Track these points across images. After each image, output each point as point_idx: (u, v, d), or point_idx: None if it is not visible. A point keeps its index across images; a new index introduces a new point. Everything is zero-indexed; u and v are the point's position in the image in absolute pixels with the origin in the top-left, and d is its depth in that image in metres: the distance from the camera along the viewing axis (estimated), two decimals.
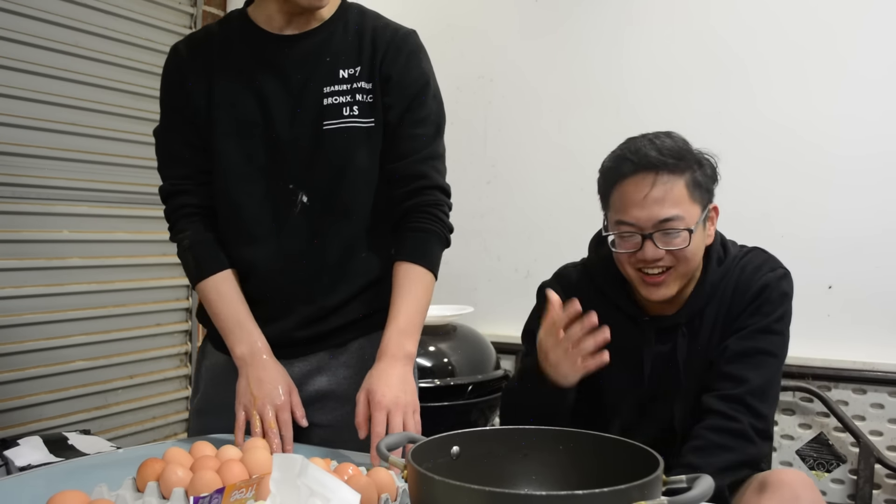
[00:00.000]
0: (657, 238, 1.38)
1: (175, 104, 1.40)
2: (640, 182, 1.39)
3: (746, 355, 1.41)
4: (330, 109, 1.34)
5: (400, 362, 1.25)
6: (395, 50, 1.37)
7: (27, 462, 2.07)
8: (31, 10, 2.51)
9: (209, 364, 1.47)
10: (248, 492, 0.90)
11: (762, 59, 2.47)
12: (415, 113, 1.37)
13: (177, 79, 1.39)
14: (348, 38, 1.37)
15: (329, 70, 1.35)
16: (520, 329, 1.67)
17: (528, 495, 0.84)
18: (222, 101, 1.36)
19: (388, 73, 1.35)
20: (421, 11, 3.00)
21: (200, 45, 1.40)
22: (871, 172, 2.34)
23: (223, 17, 1.45)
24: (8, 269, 2.49)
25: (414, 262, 1.33)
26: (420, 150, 1.37)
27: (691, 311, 1.46)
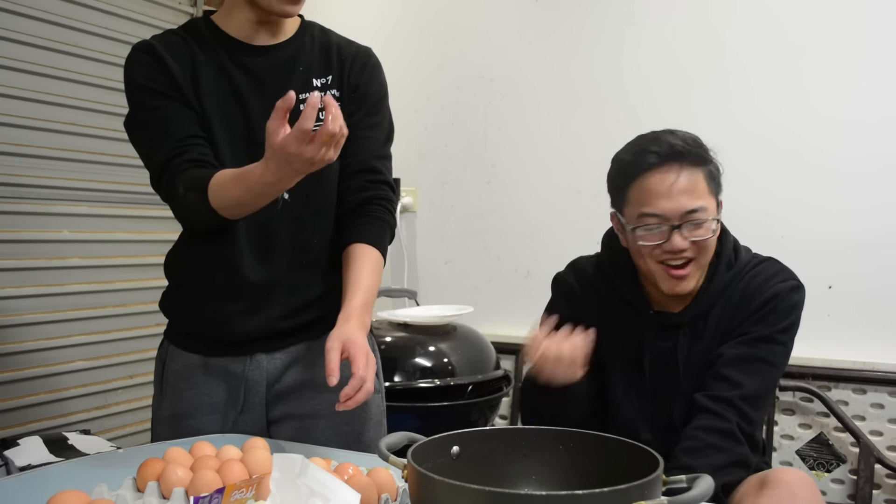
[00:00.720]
0: (685, 228, 1.39)
1: (159, 89, 1.36)
2: (665, 173, 1.39)
3: (745, 361, 1.41)
4: None
5: (363, 330, 1.30)
6: (360, 63, 1.48)
7: (27, 462, 2.07)
8: (31, 10, 2.51)
9: (177, 367, 1.46)
10: (249, 492, 0.90)
11: (762, 60, 2.47)
12: (371, 118, 1.48)
13: (160, 68, 1.37)
14: (315, 51, 1.46)
15: (303, 78, 1.43)
16: (520, 329, 1.67)
17: (528, 495, 0.84)
18: (209, 94, 1.38)
19: (355, 83, 1.46)
20: (421, 12, 3.00)
21: (175, 43, 1.40)
22: (871, 173, 2.34)
23: (186, 23, 1.46)
24: (8, 269, 2.49)
25: (373, 245, 1.40)
26: (375, 149, 1.47)
27: (696, 312, 1.47)
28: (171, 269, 1.51)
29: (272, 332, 1.42)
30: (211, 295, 1.41)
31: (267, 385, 1.44)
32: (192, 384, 1.44)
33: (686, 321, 1.47)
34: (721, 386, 1.40)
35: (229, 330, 1.41)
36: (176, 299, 1.49)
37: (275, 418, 1.45)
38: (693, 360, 1.47)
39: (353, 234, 1.41)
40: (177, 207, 1.38)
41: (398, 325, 2.45)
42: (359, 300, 1.33)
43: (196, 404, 1.43)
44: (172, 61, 1.37)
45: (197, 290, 1.43)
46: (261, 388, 1.44)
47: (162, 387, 1.50)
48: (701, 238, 1.40)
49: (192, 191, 1.30)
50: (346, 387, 1.19)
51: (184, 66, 1.38)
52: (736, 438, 1.38)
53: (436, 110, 3.00)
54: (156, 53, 1.38)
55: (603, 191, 1.80)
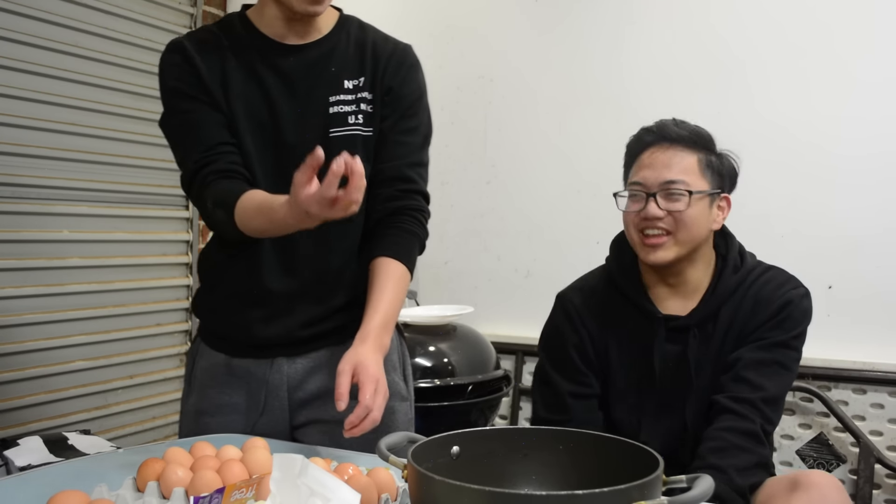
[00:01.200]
0: (660, 197, 1.47)
1: (189, 91, 1.36)
2: (655, 150, 1.51)
3: (764, 364, 1.45)
4: (336, 118, 1.37)
5: (380, 352, 1.27)
6: (396, 63, 1.42)
7: (27, 462, 2.07)
8: (31, 10, 2.51)
9: (205, 364, 1.46)
10: (248, 492, 0.90)
11: (762, 58, 2.48)
12: (407, 122, 1.42)
13: (189, 69, 1.37)
14: (350, 50, 1.40)
15: (334, 80, 1.38)
16: (520, 328, 1.68)
17: (528, 495, 0.84)
18: (238, 97, 1.36)
19: (389, 85, 1.40)
20: (421, 12, 3.00)
21: (208, 42, 1.39)
22: (871, 172, 2.34)
23: (221, 19, 1.45)
24: (8, 269, 2.49)
25: (399, 260, 1.36)
26: (408, 155, 1.41)
27: (704, 314, 1.50)
28: (203, 269, 1.50)
29: (292, 339, 1.40)
30: (235, 299, 1.40)
31: (288, 390, 1.42)
32: (216, 383, 1.43)
33: (694, 323, 1.49)
34: (742, 388, 1.43)
35: (250, 335, 1.40)
36: (206, 300, 1.48)
37: (300, 423, 1.44)
38: (703, 362, 1.49)
39: (380, 247, 1.37)
40: (206, 219, 1.38)
41: (398, 325, 2.45)
42: (378, 320, 1.29)
43: (218, 403, 1.42)
44: (202, 62, 1.36)
45: (224, 294, 1.42)
46: (281, 392, 1.42)
47: (191, 381, 1.49)
48: (675, 209, 1.46)
49: (220, 209, 1.29)
50: (351, 415, 1.16)
51: (213, 66, 1.36)
52: (759, 439, 1.41)
53: (436, 110, 2.95)
54: (186, 54, 1.37)
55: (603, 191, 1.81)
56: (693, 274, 1.52)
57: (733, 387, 1.44)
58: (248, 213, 1.25)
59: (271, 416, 1.43)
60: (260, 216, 1.24)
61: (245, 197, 1.27)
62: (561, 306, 1.62)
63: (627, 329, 1.54)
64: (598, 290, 1.60)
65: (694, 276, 1.52)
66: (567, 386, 1.56)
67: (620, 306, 1.55)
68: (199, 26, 3.09)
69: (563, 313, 1.60)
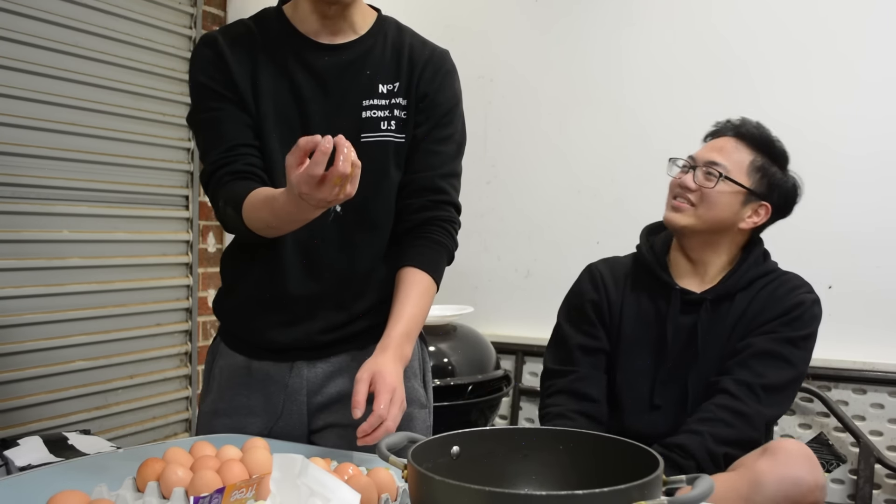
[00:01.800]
0: (699, 172, 1.58)
1: (216, 88, 1.34)
2: (724, 138, 1.62)
3: (770, 355, 1.51)
4: (368, 122, 1.35)
5: (400, 362, 1.26)
6: (432, 69, 1.39)
7: (27, 462, 2.07)
8: (31, 10, 2.51)
9: (224, 364, 1.45)
10: (249, 492, 0.90)
11: (762, 58, 2.48)
12: (441, 130, 1.39)
13: (219, 65, 1.34)
14: (387, 53, 1.38)
15: (369, 83, 1.35)
16: (520, 328, 1.69)
17: (528, 495, 0.84)
18: (267, 95, 1.34)
19: (424, 91, 1.38)
20: (421, 12, 3.00)
21: (240, 37, 1.36)
22: (872, 171, 2.34)
23: (258, 13, 1.41)
24: (8, 269, 2.49)
25: (426, 271, 1.35)
26: (441, 165, 1.39)
27: (720, 292, 1.57)
28: (224, 270, 1.48)
29: (312, 343, 1.39)
30: (256, 303, 1.39)
31: (307, 394, 1.41)
32: (234, 384, 1.42)
33: (709, 298, 1.57)
34: (744, 373, 1.50)
35: (270, 338, 1.39)
36: (226, 301, 1.46)
37: (318, 428, 1.42)
38: (712, 338, 1.56)
39: (407, 257, 1.36)
40: (219, 218, 1.36)
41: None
42: (399, 330, 1.28)
43: (235, 405, 1.41)
44: (234, 58, 1.33)
45: (244, 296, 1.41)
46: (300, 396, 1.41)
47: (209, 381, 1.48)
48: (705, 186, 1.56)
49: (230, 207, 1.28)
50: (364, 423, 1.16)
51: (244, 63, 1.34)
52: (749, 422, 1.46)
53: None
54: (218, 49, 1.34)
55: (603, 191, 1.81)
56: (714, 259, 1.60)
57: (737, 370, 1.50)
58: (255, 206, 1.24)
59: (289, 419, 1.41)
60: (264, 208, 1.22)
61: (253, 193, 1.25)
62: (587, 271, 1.72)
63: (645, 297, 1.63)
64: (625, 264, 1.70)
65: (715, 262, 1.60)
66: (577, 338, 1.64)
67: (642, 278, 1.65)
68: (199, 27, 3.10)
69: (588, 275, 1.71)
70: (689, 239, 1.60)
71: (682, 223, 1.58)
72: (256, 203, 1.24)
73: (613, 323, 1.64)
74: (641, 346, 1.61)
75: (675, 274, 1.63)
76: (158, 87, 2.93)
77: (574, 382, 1.61)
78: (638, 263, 1.68)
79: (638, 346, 1.61)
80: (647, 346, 1.60)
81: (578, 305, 1.67)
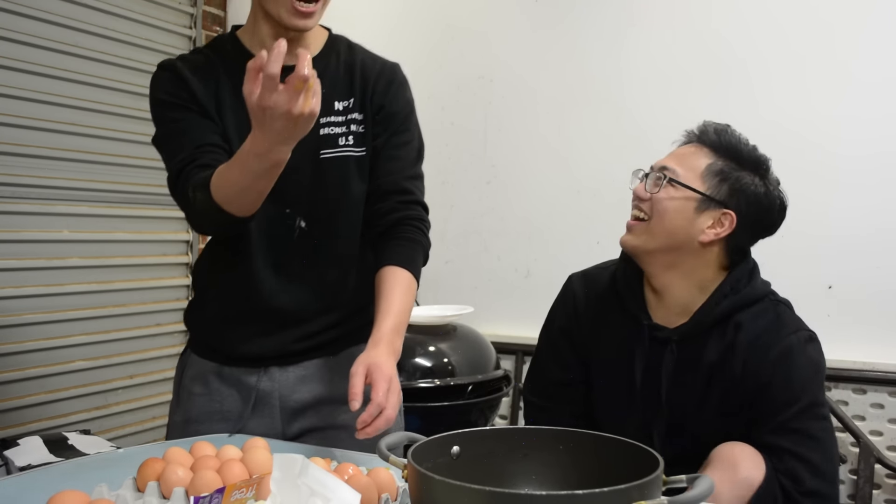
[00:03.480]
0: (650, 178, 1.44)
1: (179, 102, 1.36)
2: (685, 146, 1.48)
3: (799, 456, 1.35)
4: (326, 139, 1.39)
5: (392, 356, 1.27)
6: (384, 82, 1.44)
7: (27, 462, 2.07)
8: (31, 10, 2.52)
9: (194, 373, 1.46)
10: (249, 492, 0.90)
11: (761, 59, 2.48)
12: (399, 137, 1.44)
13: (178, 83, 1.37)
14: (340, 71, 1.42)
15: (325, 102, 1.36)
16: (519, 329, 1.69)
17: (528, 495, 0.84)
18: (230, 112, 1.37)
19: (379, 104, 1.42)
20: (422, 12, 3.01)
21: (199, 63, 1.39)
22: (871, 172, 2.34)
23: (212, 40, 1.45)
24: (8, 269, 2.49)
25: (405, 268, 1.37)
26: (404, 169, 1.43)
27: (688, 331, 1.43)
28: (196, 283, 1.52)
29: (286, 352, 1.42)
30: (230, 315, 1.41)
31: (280, 398, 1.42)
32: (206, 391, 1.44)
33: (676, 339, 1.43)
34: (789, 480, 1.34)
35: (242, 350, 1.41)
36: (197, 313, 1.49)
37: (293, 435, 1.44)
38: (678, 386, 1.43)
39: (384, 257, 1.38)
40: (189, 212, 1.33)
41: None
42: (389, 324, 1.29)
43: (207, 410, 1.43)
44: (195, 80, 1.36)
45: (217, 309, 1.43)
46: (273, 399, 1.42)
47: (179, 392, 1.49)
48: (653, 192, 1.42)
49: (199, 190, 1.26)
50: (364, 413, 1.16)
51: (207, 85, 1.37)
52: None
53: (436, 110, 3.00)
54: (177, 72, 1.37)
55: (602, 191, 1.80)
56: (679, 285, 1.43)
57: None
58: (221, 172, 1.22)
59: (261, 421, 1.42)
60: (232, 167, 1.20)
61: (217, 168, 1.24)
62: (563, 290, 1.63)
63: (618, 324, 1.50)
64: (601, 285, 1.57)
65: (681, 290, 1.43)
66: (552, 372, 1.58)
67: (614, 308, 1.52)
68: (199, 27, 3.10)
69: (562, 298, 1.62)
70: (648, 264, 1.45)
71: (634, 244, 1.44)
72: (223, 169, 1.22)
73: (585, 351, 1.55)
74: (613, 379, 1.50)
75: (650, 303, 1.48)
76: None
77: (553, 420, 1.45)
78: (612, 285, 1.54)
79: (610, 379, 1.51)
80: (619, 381, 1.48)
81: (552, 337, 1.61)
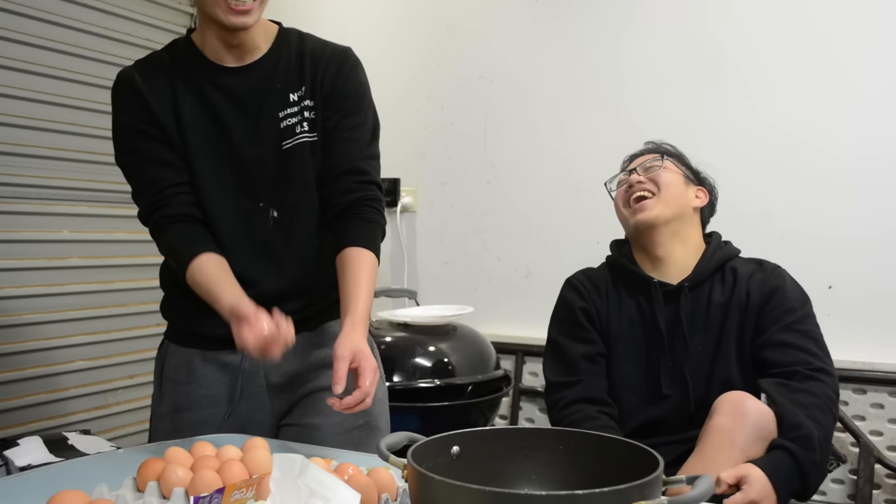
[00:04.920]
0: (639, 170, 1.70)
1: (139, 126, 1.41)
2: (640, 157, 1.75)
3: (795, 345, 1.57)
4: (286, 131, 1.42)
5: (366, 336, 1.32)
6: (334, 67, 1.46)
7: (27, 462, 2.07)
8: (31, 10, 2.52)
9: (175, 363, 1.49)
10: (249, 492, 0.90)
11: (760, 60, 2.48)
12: (351, 119, 1.46)
13: (137, 100, 1.40)
14: (292, 63, 1.45)
15: (281, 95, 1.43)
16: (520, 329, 1.70)
17: (528, 495, 0.83)
18: (191, 124, 1.40)
19: (329, 89, 1.44)
20: (422, 13, 3.01)
21: (157, 71, 1.42)
22: (871, 173, 2.34)
23: (169, 44, 1.47)
24: (8, 269, 2.49)
25: (368, 248, 1.40)
26: (359, 150, 1.46)
27: (697, 278, 1.64)
28: (164, 279, 1.55)
29: None
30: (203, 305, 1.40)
31: (265, 373, 1.46)
32: (191, 378, 1.46)
33: (687, 285, 1.63)
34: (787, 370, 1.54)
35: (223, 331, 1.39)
36: (174, 304, 1.53)
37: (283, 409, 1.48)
38: (696, 324, 1.62)
39: (346, 238, 1.41)
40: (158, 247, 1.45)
41: (398, 325, 2.45)
42: (362, 307, 1.33)
43: (195, 398, 1.45)
44: (152, 93, 1.39)
45: (193, 300, 1.43)
46: (258, 378, 1.46)
47: (161, 384, 1.51)
48: (653, 173, 1.67)
49: (172, 259, 1.40)
50: (349, 398, 1.20)
51: (163, 95, 1.40)
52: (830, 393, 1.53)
53: (436, 110, 3.00)
54: (136, 87, 1.40)
55: (602, 191, 1.81)
56: (682, 250, 1.67)
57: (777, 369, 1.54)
58: (198, 284, 1.35)
59: (250, 402, 1.46)
60: (206, 293, 1.34)
61: (196, 265, 1.35)
62: (568, 284, 1.78)
63: (626, 297, 1.69)
64: (600, 273, 1.76)
65: (683, 253, 1.67)
66: (578, 348, 1.68)
67: (619, 282, 1.72)
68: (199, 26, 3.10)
69: (570, 287, 1.76)
70: (658, 234, 1.66)
71: (654, 214, 1.64)
72: (200, 283, 1.35)
73: (604, 326, 1.69)
74: (633, 343, 1.66)
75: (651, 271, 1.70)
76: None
77: (584, 391, 1.64)
78: (613, 269, 1.75)
79: (630, 344, 1.66)
80: (640, 342, 1.65)
81: (570, 316, 1.72)
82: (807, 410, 1.44)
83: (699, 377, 1.61)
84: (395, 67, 3.03)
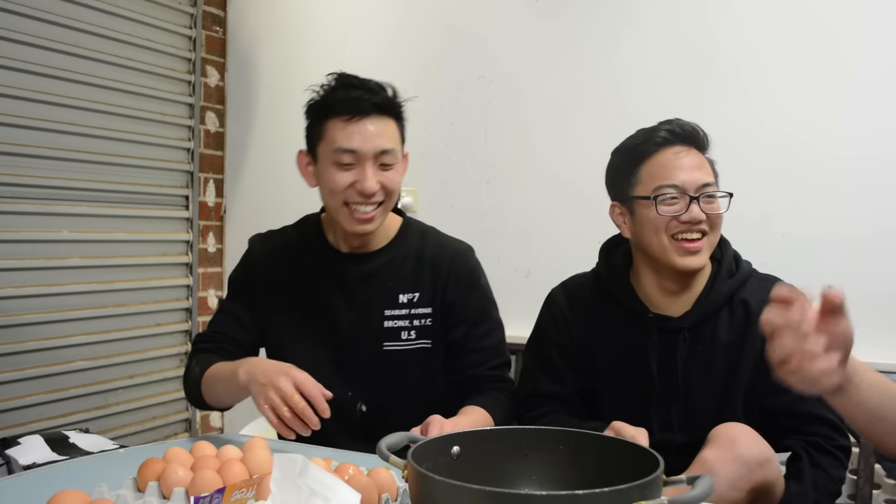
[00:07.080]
0: (701, 201, 1.40)
1: (240, 286, 1.52)
2: (678, 150, 1.43)
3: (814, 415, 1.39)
4: (390, 332, 1.45)
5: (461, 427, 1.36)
6: (455, 276, 1.49)
7: (31, 461, 2.07)
8: (31, 10, 2.52)
9: None
10: (249, 492, 0.90)
11: (759, 60, 2.47)
12: (479, 328, 1.49)
13: (246, 273, 1.51)
14: (408, 264, 1.48)
15: (391, 294, 1.46)
16: (519, 328, 1.68)
17: (528, 495, 0.84)
18: (294, 307, 1.46)
19: (451, 300, 1.47)
20: (422, 13, 3.00)
21: (275, 251, 1.51)
22: (870, 173, 2.34)
23: (301, 220, 1.56)
24: (8, 269, 2.49)
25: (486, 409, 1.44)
26: (488, 360, 1.50)
27: (697, 317, 1.44)
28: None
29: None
30: None
31: None
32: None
33: (686, 326, 1.43)
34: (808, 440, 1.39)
35: None
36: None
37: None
38: (694, 366, 1.43)
39: (468, 402, 1.44)
40: (185, 377, 1.48)
41: None
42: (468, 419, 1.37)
43: None
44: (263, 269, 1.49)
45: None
46: None
47: None
48: (715, 212, 1.41)
49: (198, 366, 1.42)
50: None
51: (275, 276, 1.48)
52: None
53: (436, 110, 3.00)
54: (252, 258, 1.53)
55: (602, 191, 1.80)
56: (699, 280, 1.46)
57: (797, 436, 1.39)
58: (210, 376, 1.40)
59: None
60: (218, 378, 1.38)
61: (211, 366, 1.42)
62: (546, 306, 1.59)
63: (614, 325, 1.49)
64: (586, 292, 1.55)
65: (692, 283, 1.46)
66: (545, 385, 1.54)
67: (609, 309, 1.50)
68: (199, 26, 3.09)
69: (547, 312, 1.58)
70: (691, 276, 1.45)
71: (703, 261, 1.42)
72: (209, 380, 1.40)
73: (585, 362, 1.51)
74: (622, 379, 1.48)
75: (647, 300, 1.48)
76: (158, 87, 2.93)
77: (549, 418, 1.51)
78: (600, 289, 1.53)
79: (616, 380, 1.48)
80: (629, 377, 1.47)
81: (543, 353, 1.55)
82: (817, 494, 1.33)
83: (697, 427, 1.37)
84: (395, 68, 3.02)
